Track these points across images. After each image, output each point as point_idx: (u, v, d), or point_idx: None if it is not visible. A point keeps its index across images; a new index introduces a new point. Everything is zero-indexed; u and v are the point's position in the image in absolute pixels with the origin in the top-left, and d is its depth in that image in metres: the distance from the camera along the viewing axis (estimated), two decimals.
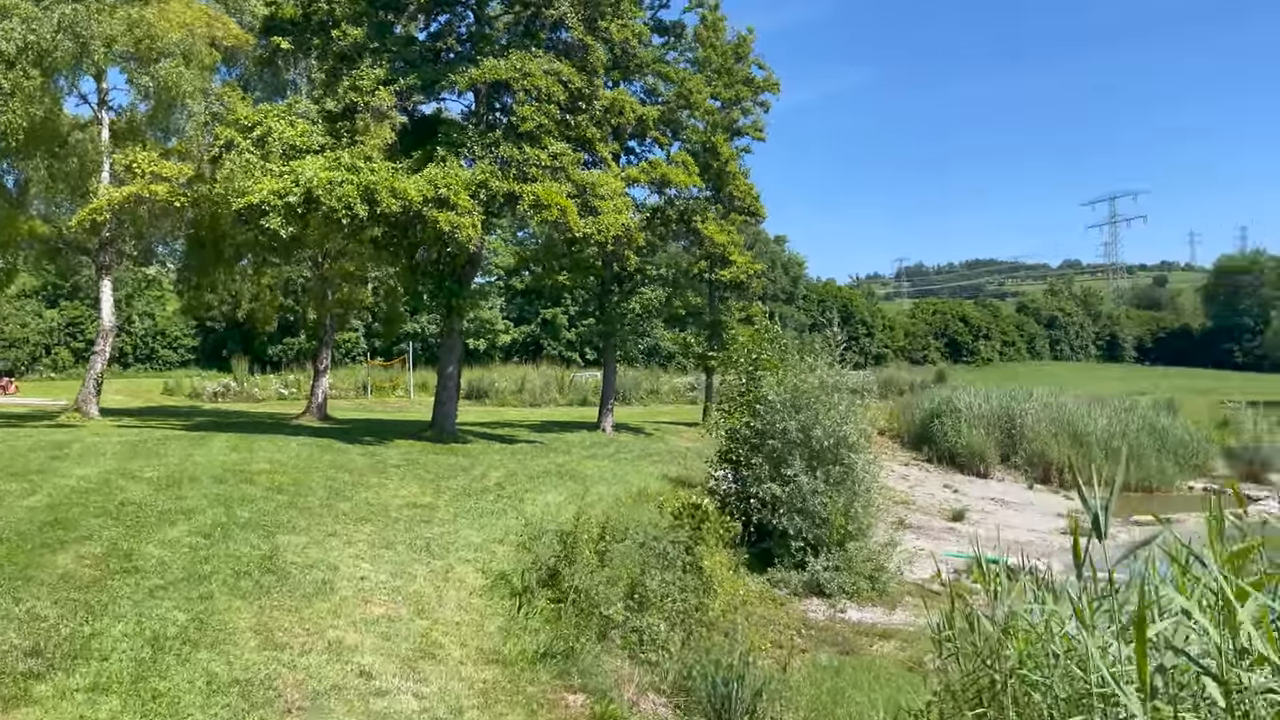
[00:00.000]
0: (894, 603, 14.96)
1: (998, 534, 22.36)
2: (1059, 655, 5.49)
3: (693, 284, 28.85)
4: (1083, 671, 5.02)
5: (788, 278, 73.61)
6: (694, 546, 10.61)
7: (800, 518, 15.26)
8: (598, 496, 15.82)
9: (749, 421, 16.23)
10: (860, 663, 11.24)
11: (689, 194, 27.29)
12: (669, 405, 44.08)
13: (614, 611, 8.42)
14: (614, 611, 8.42)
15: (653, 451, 23.60)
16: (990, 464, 31.60)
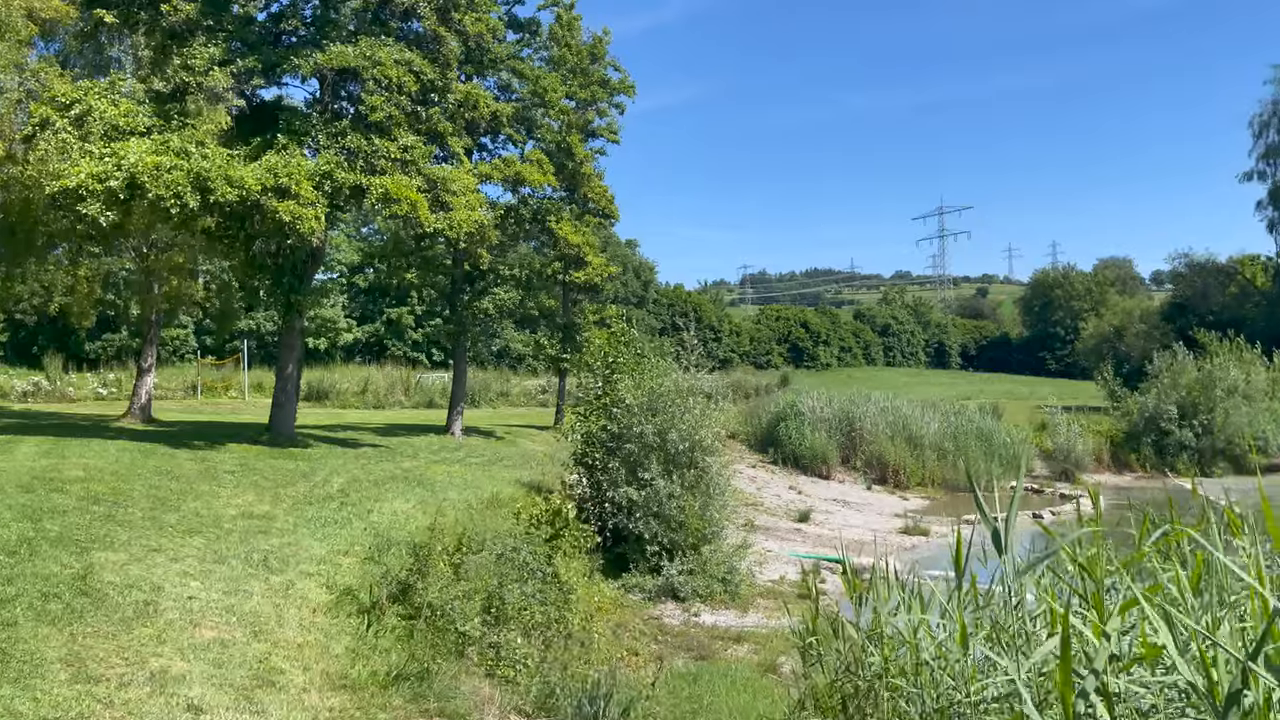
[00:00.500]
0: (746, 605, 15.07)
1: (841, 534, 23.10)
2: (929, 664, 5.49)
3: (546, 285, 28.47)
4: (954, 681, 5.02)
5: (639, 282, 74.11)
6: (553, 556, 10.28)
7: (656, 522, 15.17)
8: (448, 503, 15.25)
9: (605, 425, 16.03)
10: (716, 668, 11.19)
11: (543, 193, 26.93)
12: (520, 408, 43.45)
13: (471, 627, 7.99)
14: (471, 627, 7.99)
15: (504, 456, 23.08)
16: (832, 466, 32.62)
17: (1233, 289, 57.59)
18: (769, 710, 9.31)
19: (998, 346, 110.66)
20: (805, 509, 24.58)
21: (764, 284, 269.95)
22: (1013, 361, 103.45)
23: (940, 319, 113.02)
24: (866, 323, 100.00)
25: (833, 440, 32.92)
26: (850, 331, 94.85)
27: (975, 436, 34.58)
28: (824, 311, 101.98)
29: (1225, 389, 37.38)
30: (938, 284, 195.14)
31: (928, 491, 31.56)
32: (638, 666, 11.40)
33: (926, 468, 32.68)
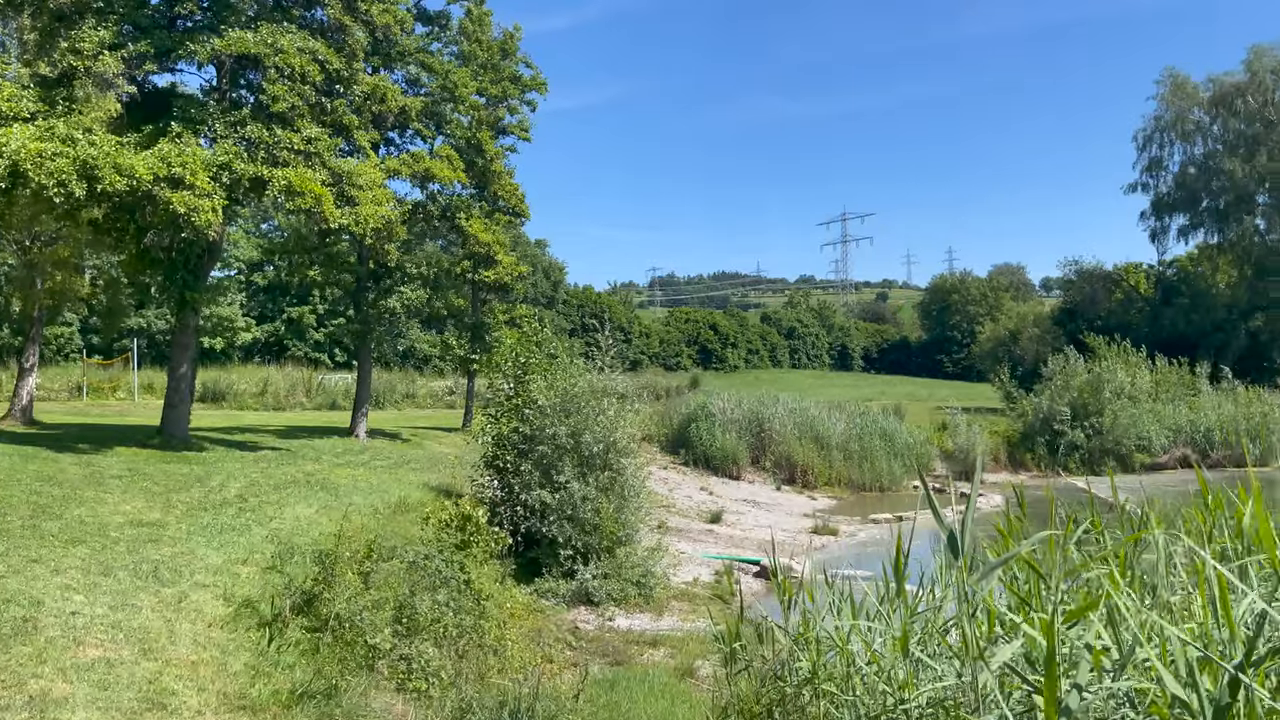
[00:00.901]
0: (661, 608, 14.93)
1: (752, 534, 23.21)
2: (863, 669, 5.38)
3: (455, 284, 27.87)
4: (889, 688, 4.92)
5: (549, 282, 73.61)
6: (465, 562, 9.93)
7: (570, 525, 14.91)
8: (354, 508, 14.70)
9: (517, 427, 15.69)
10: (633, 674, 11.00)
11: (453, 190, 26.36)
12: (426, 410, 42.56)
13: (381, 639, 7.61)
14: (381, 639, 7.61)
15: (411, 458, 22.48)
16: (742, 466, 32.81)
17: (1118, 295, 60.23)
18: (689, 716, 9.16)
19: (898, 349, 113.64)
20: (717, 510, 24.62)
21: (673, 286, 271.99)
22: (912, 364, 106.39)
23: (843, 322, 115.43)
24: (773, 325, 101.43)
25: (743, 441, 33.12)
26: (758, 334, 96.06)
27: (879, 437, 35.20)
28: (732, 314, 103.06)
29: (1113, 391, 38.94)
30: (840, 288, 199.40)
31: (835, 491, 32.01)
32: (553, 674, 11.14)
33: (834, 468, 33.14)
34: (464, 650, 8.68)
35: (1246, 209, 52.71)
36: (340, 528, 8.60)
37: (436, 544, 10.26)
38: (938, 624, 5.40)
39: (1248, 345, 50.78)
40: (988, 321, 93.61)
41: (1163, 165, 55.36)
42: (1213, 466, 39.66)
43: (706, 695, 10.58)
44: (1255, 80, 51.03)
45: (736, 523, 24.20)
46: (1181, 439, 40.19)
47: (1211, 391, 43.29)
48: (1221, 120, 52.81)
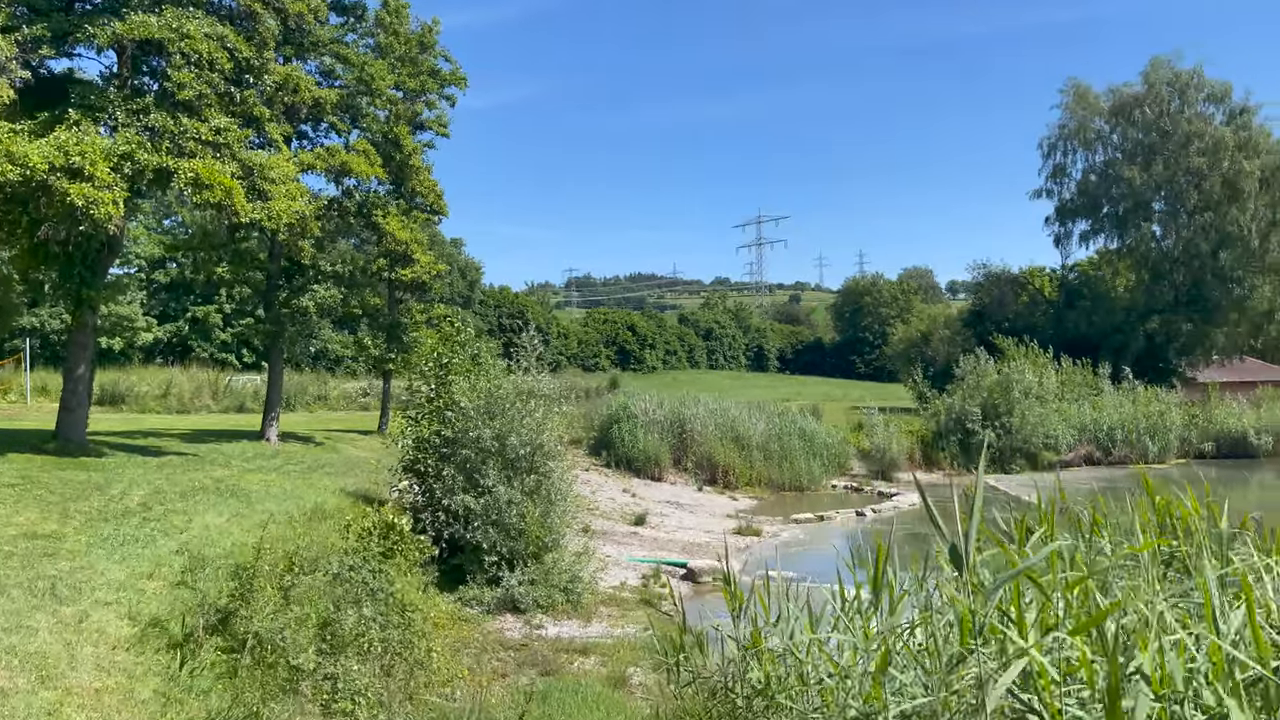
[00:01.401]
0: (589, 614, 14.64)
1: (677, 536, 23.07)
2: (822, 681, 5.19)
3: (371, 283, 27.07)
4: (856, 703, 4.73)
5: (465, 282, 72.55)
6: (390, 573, 9.48)
7: (495, 530, 14.51)
8: (268, 515, 14.06)
9: (439, 429, 15.20)
10: (565, 684, 10.68)
11: (370, 186, 25.59)
12: (340, 412, 41.40)
13: (305, 659, 7.15)
14: (305, 659, 7.15)
15: (326, 463, 21.72)
16: (664, 468, 32.71)
17: (1024, 298, 62.07)
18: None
19: (812, 350, 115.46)
20: (641, 512, 24.42)
21: (589, 287, 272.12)
22: (826, 365, 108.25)
23: (760, 324, 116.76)
24: (691, 327, 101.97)
25: (665, 442, 33.03)
26: (675, 335, 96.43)
27: (799, 437, 35.50)
28: (650, 315, 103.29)
29: (1022, 391, 40.04)
30: (755, 290, 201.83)
31: (756, 491, 32.14)
32: (481, 686, 10.76)
33: (754, 468, 33.27)
34: (390, 666, 8.26)
35: (1144, 215, 54.83)
36: (260, 538, 8.06)
37: (359, 554, 9.78)
38: (899, 632, 5.24)
39: (1145, 346, 52.81)
40: (899, 323, 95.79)
41: (1066, 172, 57.29)
42: (1115, 464, 41.20)
43: (642, 705, 10.34)
44: (1152, 91, 53.15)
45: (660, 525, 24.04)
46: (1086, 437, 41.61)
47: (1113, 391, 44.91)
48: (1121, 130, 54.87)
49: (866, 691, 4.60)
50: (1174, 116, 52.73)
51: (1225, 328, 53.43)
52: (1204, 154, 51.17)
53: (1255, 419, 44.26)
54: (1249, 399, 47.62)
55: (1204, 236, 51.71)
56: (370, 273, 26.73)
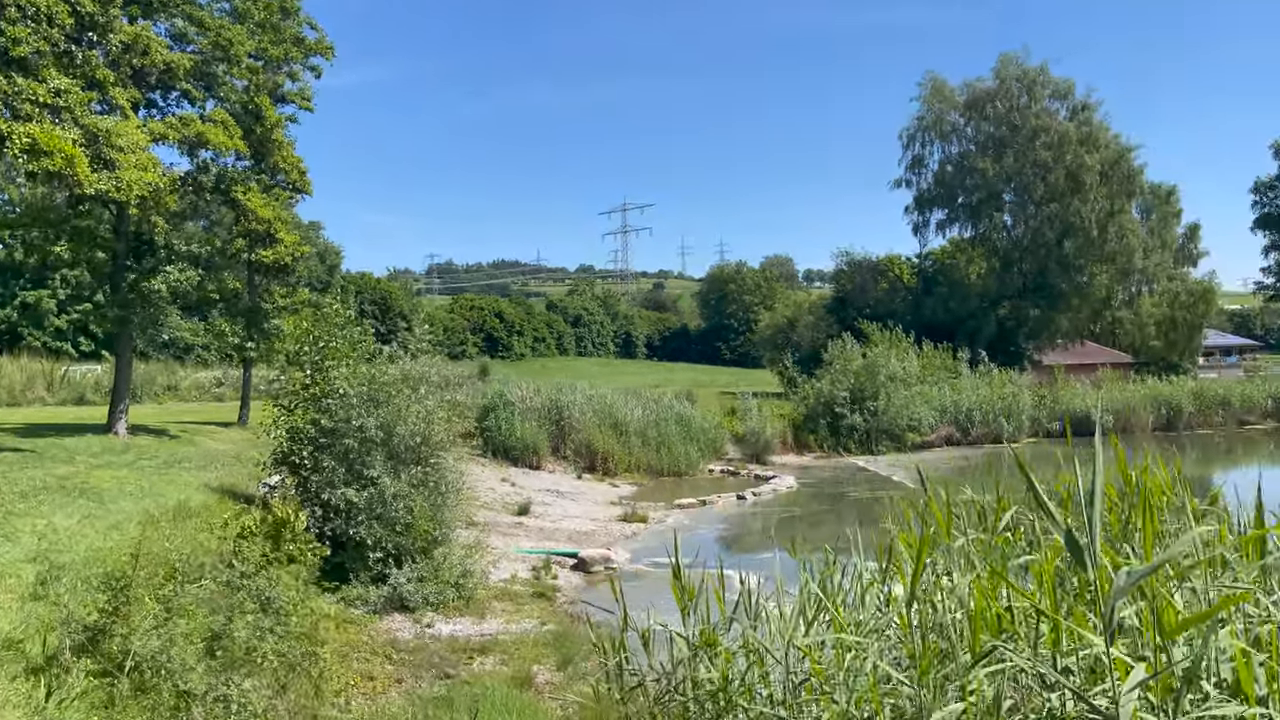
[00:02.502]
0: (483, 610, 13.94)
1: (562, 525, 22.52)
2: (797, 681, 4.75)
3: (229, 265, 25.27)
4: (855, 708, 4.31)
5: (324, 266, 69.60)
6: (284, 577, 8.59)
7: (380, 525, 13.61)
8: (124, 516, 12.78)
9: (316, 419, 14.14)
10: (468, 687, 9.99)
11: (227, 160, 23.82)
12: (192, 403, 38.84)
13: (194, 681, 6.27)
14: (194, 681, 6.27)
15: (184, 457, 20.13)
16: (543, 456, 32.05)
17: (883, 285, 64.05)
18: None
19: (679, 337, 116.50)
20: (523, 502, 23.74)
21: (451, 274, 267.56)
22: (692, 351, 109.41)
23: (627, 311, 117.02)
24: (559, 313, 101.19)
25: (543, 430, 32.38)
26: (544, 322, 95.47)
27: (675, 422, 35.47)
28: (518, 302, 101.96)
29: (887, 376, 41.21)
30: (620, 278, 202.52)
31: (635, 478, 31.88)
32: (375, 694, 9.97)
33: (633, 455, 33.01)
34: (285, 681, 7.43)
35: (996, 206, 57.39)
36: (136, 542, 7.02)
37: (241, 556, 8.83)
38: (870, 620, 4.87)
39: (996, 331, 55.34)
40: (763, 310, 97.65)
41: (924, 163, 59.38)
42: (973, 443, 42.96)
43: (553, 706, 9.78)
44: (1004, 87, 55.62)
45: (544, 514, 23.43)
46: (947, 418, 43.18)
47: (970, 374, 46.81)
48: (975, 123, 57.21)
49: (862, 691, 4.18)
50: (1023, 111, 55.34)
51: (1068, 313, 56.53)
52: (1050, 148, 53.91)
53: (1097, 399, 46.91)
54: (1091, 380, 50.57)
55: (1050, 226, 54.47)
56: (229, 254, 24.96)
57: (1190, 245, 66.89)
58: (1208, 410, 48.43)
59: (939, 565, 4.87)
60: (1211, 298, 64.13)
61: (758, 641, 5.09)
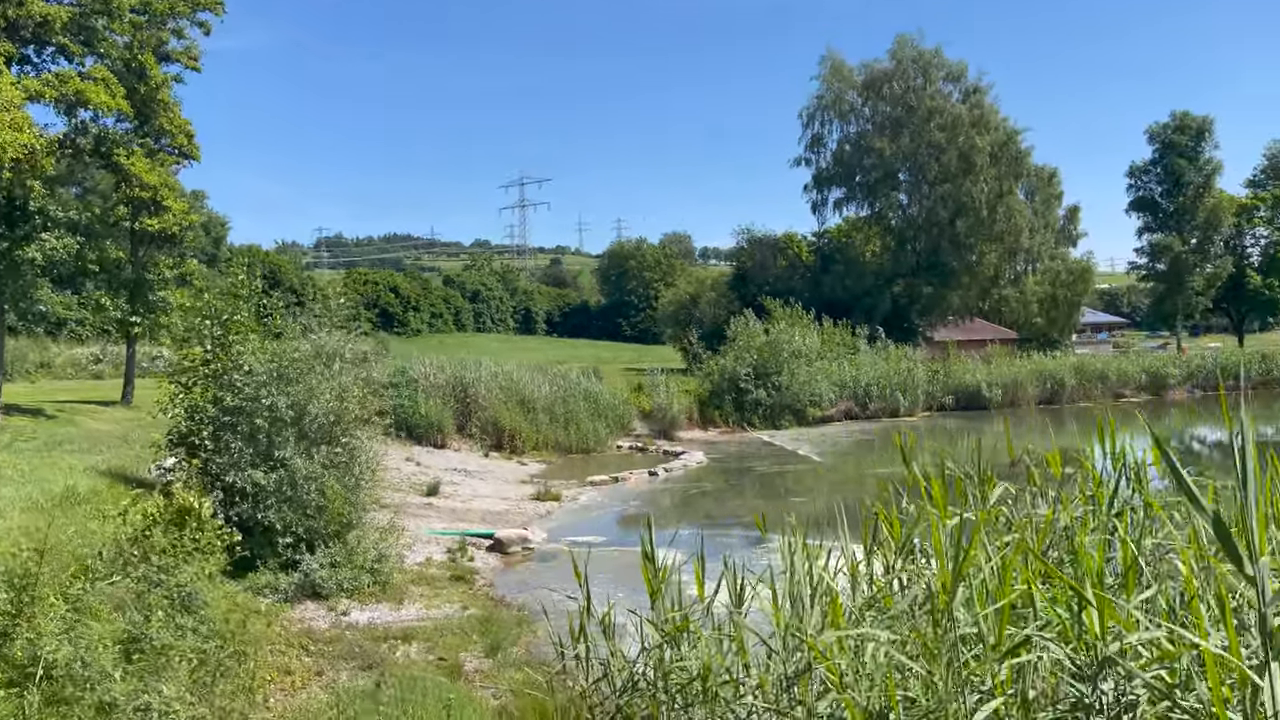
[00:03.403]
0: (400, 596, 13.40)
1: (474, 505, 21.98)
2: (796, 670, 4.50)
3: (111, 233, 23.72)
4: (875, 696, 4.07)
5: (209, 238, 66.49)
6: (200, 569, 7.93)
7: (290, 508, 12.90)
8: (4, 502, 11.81)
9: (221, 397, 13.30)
10: (395, 679, 9.50)
11: (108, 121, 22.28)
12: (68, 381, 36.61)
13: (115, 689, 5.65)
14: (115, 689, 5.65)
15: (66, 438, 18.86)
16: (448, 434, 31.29)
17: (783, 262, 64.79)
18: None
19: (579, 313, 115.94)
20: (431, 482, 23.07)
21: (341, 248, 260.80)
22: (593, 327, 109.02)
23: (527, 287, 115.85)
24: (457, 289, 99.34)
25: (447, 408, 31.60)
26: (441, 297, 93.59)
27: (583, 399, 35.14)
28: (414, 277, 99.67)
29: (790, 352, 41.73)
30: (518, 253, 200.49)
31: (543, 455, 31.46)
32: (294, 688, 9.40)
33: (540, 432, 32.55)
34: (204, 681, 6.84)
35: (892, 185, 58.62)
36: (44, 536, 6.28)
37: (145, 547, 8.12)
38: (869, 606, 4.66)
39: (891, 308, 56.66)
40: (663, 287, 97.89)
41: (823, 142, 60.14)
42: (871, 417, 43.94)
43: (486, 696, 9.40)
44: (900, 68, 56.70)
45: (454, 494, 22.84)
46: (846, 393, 44.00)
47: (868, 350, 47.80)
48: (872, 103, 58.19)
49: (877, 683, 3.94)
50: (918, 93, 56.54)
51: (959, 291, 58.25)
52: (943, 129, 55.26)
53: (987, 374, 48.58)
54: (981, 356, 52.27)
55: (943, 206, 55.92)
56: (110, 222, 23.42)
57: (1070, 226, 69.57)
58: (1088, 384, 50.67)
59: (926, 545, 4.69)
60: (1090, 276, 67.01)
61: (751, 629, 4.79)
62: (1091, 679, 3.16)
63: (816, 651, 3.88)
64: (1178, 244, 65.22)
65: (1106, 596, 3.13)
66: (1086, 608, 3.15)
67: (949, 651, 3.43)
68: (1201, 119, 65.85)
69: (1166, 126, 66.11)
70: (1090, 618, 3.15)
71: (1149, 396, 51.24)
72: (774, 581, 5.35)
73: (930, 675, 3.52)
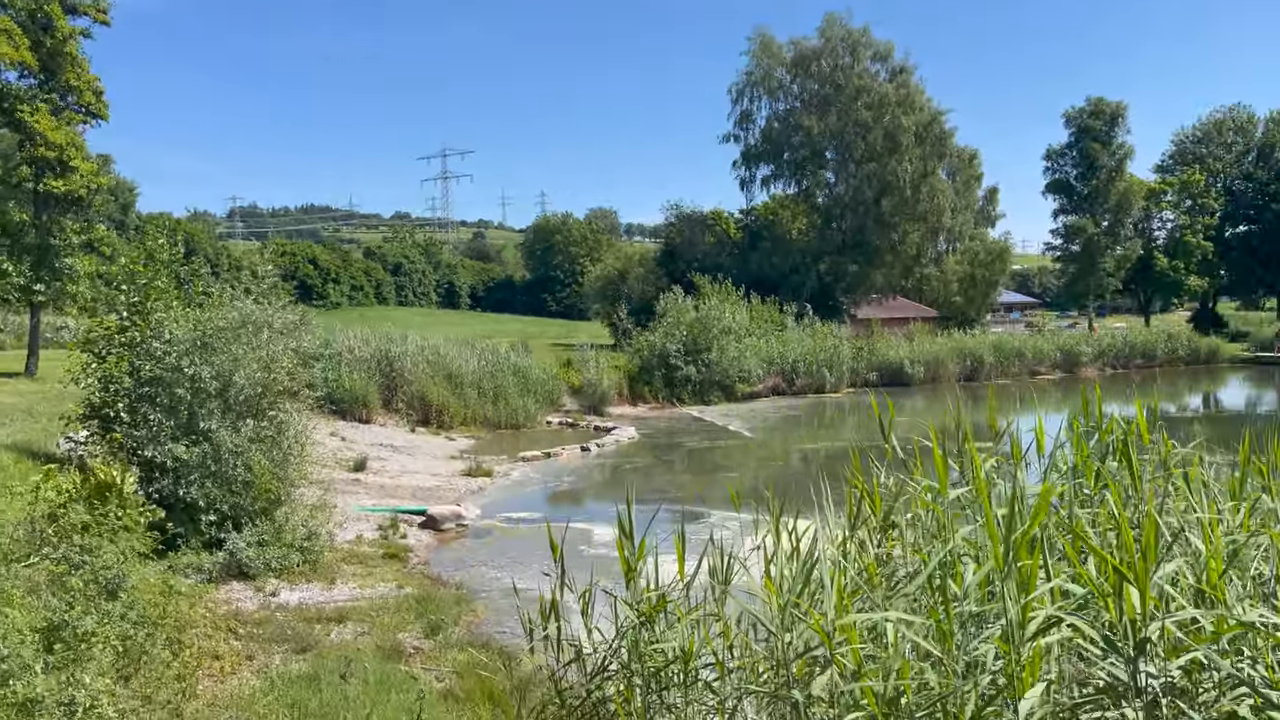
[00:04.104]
0: (332, 575, 12.88)
1: (403, 481, 21.41)
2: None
3: (13, 194, 22.33)
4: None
5: (117, 204, 63.59)
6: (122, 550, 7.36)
7: (215, 484, 12.27)
8: None
9: (139, 366, 12.54)
10: (334, 663, 9.06)
11: (10, 75, 20.92)
12: None
13: (39, 685, 5.13)
14: (39, 685, 5.13)
15: None
16: (373, 408, 30.48)
17: (710, 239, 64.81)
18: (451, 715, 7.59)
19: (504, 288, 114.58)
20: (358, 457, 22.41)
21: (255, 218, 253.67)
22: (518, 302, 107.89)
23: (450, 260, 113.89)
24: (378, 261, 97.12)
25: (372, 382, 30.77)
26: (362, 270, 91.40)
27: (512, 374, 34.62)
28: (333, 248, 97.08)
29: (721, 329, 41.77)
30: (440, 226, 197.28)
31: (472, 431, 30.90)
32: (224, 674, 8.89)
33: (469, 407, 31.96)
34: (128, 671, 6.33)
35: (819, 164, 58.98)
36: None
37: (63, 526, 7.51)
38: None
39: (818, 286, 57.15)
40: (589, 262, 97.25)
41: (752, 119, 60.09)
42: (798, 393, 44.32)
43: (429, 678, 9.03)
44: (829, 46, 56.91)
45: (383, 470, 22.23)
46: (774, 369, 44.26)
47: (796, 327, 48.14)
48: (801, 80, 58.33)
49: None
50: (846, 71, 56.86)
51: (883, 269, 59.05)
52: (870, 108, 55.72)
53: (910, 351, 49.38)
54: (903, 334, 53.13)
55: (869, 185, 56.47)
56: (12, 183, 22.04)
57: (989, 207, 71.02)
58: (1006, 362, 51.96)
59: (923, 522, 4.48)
60: (1007, 257, 68.59)
61: (749, 608, 4.49)
62: (1132, 660, 2.99)
63: (823, 635, 3.63)
64: (1091, 226, 67.11)
65: (1144, 571, 2.96)
66: (1125, 585, 2.97)
67: (970, 632, 3.23)
68: (1115, 105, 67.72)
69: (1083, 111, 67.82)
70: (1129, 595, 2.98)
71: (1063, 374, 52.74)
72: (759, 558, 5.12)
73: (945, 659, 3.31)
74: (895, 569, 4.91)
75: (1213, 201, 72.34)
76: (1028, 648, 3.08)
